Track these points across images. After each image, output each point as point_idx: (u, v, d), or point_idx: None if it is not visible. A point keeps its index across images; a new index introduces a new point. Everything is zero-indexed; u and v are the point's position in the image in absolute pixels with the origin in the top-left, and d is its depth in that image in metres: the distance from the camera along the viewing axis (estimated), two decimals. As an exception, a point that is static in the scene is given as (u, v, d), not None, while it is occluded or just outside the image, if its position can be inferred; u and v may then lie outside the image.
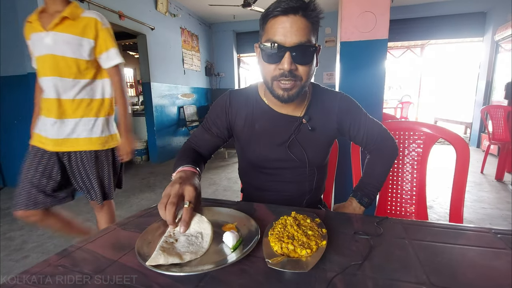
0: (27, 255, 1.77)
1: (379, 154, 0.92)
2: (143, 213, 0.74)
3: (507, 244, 0.56)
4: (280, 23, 0.68)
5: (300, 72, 0.72)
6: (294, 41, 0.67)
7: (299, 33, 0.67)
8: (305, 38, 0.68)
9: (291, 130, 0.84)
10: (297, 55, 0.69)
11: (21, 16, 2.47)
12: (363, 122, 0.88)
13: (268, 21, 0.71)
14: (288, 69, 0.69)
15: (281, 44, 0.68)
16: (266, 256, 0.50)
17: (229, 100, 0.87)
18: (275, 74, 0.72)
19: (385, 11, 1.74)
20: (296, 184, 0.90)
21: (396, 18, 4.84)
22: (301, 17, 0.68)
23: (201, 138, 0.91)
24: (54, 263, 0.51)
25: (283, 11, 0.67)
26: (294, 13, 0.67)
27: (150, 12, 3.94)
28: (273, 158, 0.86)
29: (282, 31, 0.68)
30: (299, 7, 0.67)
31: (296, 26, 0.67)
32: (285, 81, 0.71)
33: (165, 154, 4.41)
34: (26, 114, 2.87)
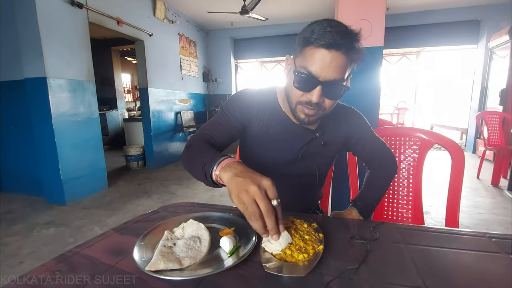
0: (22, 261, 1.75)
1: (380, 171, 0.93)
2: (140, 218, 0.74)
3: (501, 248, 0.57)
4: (320, 55, 0.65)
5: (325, 104, 0.72)
6: (329, 77, 0.66)
7: (337, 70, 0.66)
8: (340, 76, 0.67)
9: (304, 141, 0.85)
10: (327, 90, 0.69)
11: (19, 21, 2.48)
12: (369, 139, 0.91)
13: (308, 46, 0.68)
14: (316, 101, 0.69)
15: (316, 76, 0.67)
16: (263, 260, 0.51)
17: (252, 98, 0.84)
18: (301, 100, 0.72)
19: (380, 19, 1.77)
20: (298, 191, 0.92)
21: (392, 26, 4.91)
22: (343, 54, 0.65)
23: (217, 129, 0.82)
24: (52, 267, 0.51)
25: (327, 45, 0.64)
26: (337, 49, 0.64)
27: (148, 18, 3.98)
28: (282, 165, 0.87)
29: (320, 64, 0.66)
30: (344, 44, 0.64)
31: (336, 63, 0.65)
32: (309, 109, 0.72)
33: (162, 159, 4.40)
34: (22, 119, 2.86)
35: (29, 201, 2.81)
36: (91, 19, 2.98)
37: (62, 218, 2.39)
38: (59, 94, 2.64)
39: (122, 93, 6.68)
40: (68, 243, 1.96)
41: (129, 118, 6.24)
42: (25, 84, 2.60)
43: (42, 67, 2.49)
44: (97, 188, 3.12)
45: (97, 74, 3.60)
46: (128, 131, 5.07)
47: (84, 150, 2.94)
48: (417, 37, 5.19)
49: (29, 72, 2.56)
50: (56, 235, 2.09)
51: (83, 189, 2.92)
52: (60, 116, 2.65)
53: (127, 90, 8.72)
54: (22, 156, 3.00)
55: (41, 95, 2.54)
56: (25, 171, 3.01)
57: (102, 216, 2.42)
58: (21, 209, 2.62)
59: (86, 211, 2.55)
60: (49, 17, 2.54)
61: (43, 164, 2.70)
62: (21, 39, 2.52)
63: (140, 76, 4.05)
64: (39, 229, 2.18)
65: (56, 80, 2.60)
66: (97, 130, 3.14)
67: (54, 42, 2.58)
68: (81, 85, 2.88)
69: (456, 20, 4.89)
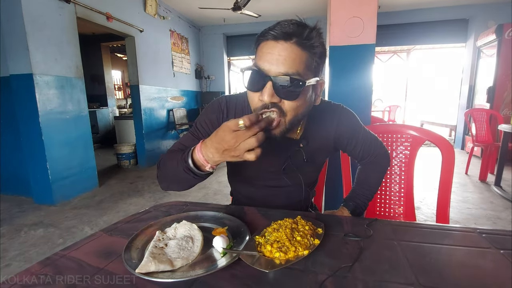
0: (8, 263, 1.70)
1: (373, 168, 0.90)
2: (131, 218, 0.73)
3: (492, 243, 0.58)
4: (268, 48, 0.59)
5: (284, 107, 0.62)
6: (279, 70, 0.58)
7: (287, 63, 0.58)
8: (294, 70, 0.58)
9: (287, 154, 0.78)
10: (281, 88, 0.59)
11: (4, 16, 2.40)
12: (361, 137, 0.84)
13: (259, 44, 0.63)
14: (269, 101, 0.60)
15: (265, 72, 0.59)
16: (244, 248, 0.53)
17: (226, 109, 0.78)
18: (257, 106, 0.63)
19: (372, 16, 1.78)
20: (287, 198, 0.88)
21: (383, 24, 4.96)
22: (294, 44, 0.58)
23: (188, 144, 0.76)
24: (37, 272, 0.49)
25: (274, 36, 0.59)
26: (286, 39, 0.58)
27: (138, 14, 3.90)
28: (267, 178, 0.84)
29: (268, 57, 0.59)
30: (293, 33, 0.58)
31: (285, 55, 0.58)
32: (268, 115, 0.61)
33: (154, 157, 4.34)
34: (8, 117, 2.77)
35: (16, 202, 2.74)
36: (79, 14, 2.90)
37: (51, 219, 2.33)
38: (46, 91, 2.57)
39: (112, 90, 6.56)
40: (58, 244, 1.92)
41: (120, 115, 6.14)
42: (10, 81, 2.52)
43: (28, 63, 2.42)
44: (88, 187, 3.06)
45: (86, 71, 3.52)
46: (119, 129, 4.98)
47: (73, 148, 2.87)
48: (407, 35, 5.26)
49: (15, 69, 2.48)
50: (44, 236, 2.04)
51: (72, 189, 2.86)
52: (47, 114, 2.58)
53: (117, 87, 8.58)
54: (8, 155, 2.92)
55: (28, 92, 2.47)
56: (11, 170, 2.92)
57: (92, 216, 2.38)
58: (7, 209, 2.55)
59: (76, 211, 2.50)
60: (35, 11, 2.46)
61: (30, 163, 2.63)
62: (5, 35, 2.44)
63: (131, 73, 3.98)
64: (26, 230, 2.12)
65: (43, 77, 2.53)
66: (87, 128, 3.08)
67: (40, 38, 2.50)
68: (69, 82, 2.81)
69: (445, 19, 4.97)
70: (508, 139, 2.73)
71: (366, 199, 0.88)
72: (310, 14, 5.23)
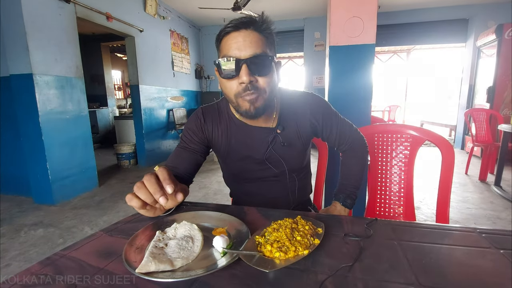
0: (8, 263, 1.70)
1: (352, 154, 0.94)
2: (131, 218, 0.73)
3: (492, 243, 0.58)
4: (233, 38, 0.69)
5: (260, 84, 0.71)
6: (249, 53, 0.68)
7: (253, 45, 0.68)
8: (260, 50, 0.68)
9: (267, 142, 0.83)
10: (254, 67, 0.68)
11: (4, 16, 2.40)
12: (335, 122, 0.88)
13: (222, 39, 0.72)
14: (248, 81, 0.68)
15: (237, 57, 0.67)
16: (244, 248, 0.53)
17: (202, 117, 0.86)
18: (238, 90, 0.71)
19: (372, 16, 1.78)
20: (281, 187, 0.91)
21: (383, 24, 4.96)
22: (253, 31, 0.69)
23: (178, 157, 0.85)
24: (37, 272, 0.49)
25: (235, 27, 0.68)
26: (246, 27, 0.68)
27: (138, 14, 3.90)
28: (253, 170, 0.88)
29: (236, 45, 0.68)
30: (249, 22, 0.69)
31: (249, 39, 0.68)
32: (250, 94, 0.70)
33: (154, 157, 4.35)
34: (8, 117, 2.77)
35: (16, 202, 2.74)
36: (79, 14, 2.90)
37: (51, 219, 2.33)
38: (46, 91, 2.57)
39: (112, 90, 6.56)
40: (58, 244, 1.92)
41: (120, 115, 6.14)
42: (10, 81, 2.52)
43: (28, 63, 2.42)
44: (88, 187, 3.06)
45: (86, 71, 3.52)
46: (119, 129, 4.98)
47: (73, 148, 2.88)
48: (407, 35, 5.26)
49: (15, 69, 2.48)
50: (44, 236, 2.04)
51: (72, 189, 2.86)
52: (47, 114, 2.58)
53: (117, 87, 8.58)
54: (8, 155, 2.92)
55: (28, 92, 2.47)
56: (11, 170, 2.93)
57: (92, 216, 2.38)
58: (7, 209, 2.55)
59: (76, 211, 2.50)
60: (35, 11, 2.46)
61: (30, 163, 2.63)
62: (5, 34, 2.44)
63: (131, 73, 3.98)
64: (26, 230, 2.13)
65: (43, 77, 2.53)
66: (87, 128, 3.08)
67: (40, 38, 2.50)
68: (69, 82, 2.81)
69: (445, 19, 4.97)
70: (508, 139, 2.73)
71: (353, 187, 0.91)
72: (310, 14, 5.23)
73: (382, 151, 1.16)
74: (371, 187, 1.17)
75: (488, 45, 4.22)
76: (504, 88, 3.95)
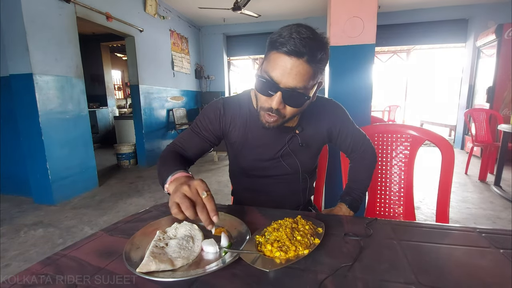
0: (8, 263, 1.70)
1: (362, 162, 0.95)
2: (131, 218, 0.73)
3: (491, 243, 0.58)
4: (281, 61, 0.64)
5: (286, 112, 0.71)
6: (289, 84, 0.65)
7: (297, 78, 0.64)
8: (302, 84, 0.65)
9: (284, 140, 0.84)
10: (288, 97, 0.67)
11: (3, 16, 2.40)
12: (350, 130, 0.90)
13: (272, 51, 0.66)
14: (276, 108, 0.68)
15: (276, 82, 0.65)
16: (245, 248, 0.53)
17: (223, 108, 0.85)
18: (264, 105, 0.71)
19: (372, 16, 1.78)
20: (287, 187, 0.92)
21: (383, 24, 4.96)
22: (305, 62, 0.63)
23: (189, 141, 0.86)
24: (37, 271, 0.49)
25: (288, 52, 0.62)
26: (298, 56, 0.62)
27: (138, 13, 3.90)
28: (266, 166, 0.88)
29: (280, 70, 0.64)
30: (305, 53, 0.62)
31: (296, 71, 0.64)
32: (270, 116, 0.71)
33: (154, 157, 4.34)
34: (8, 117, 2.77)
35: (16, 202, 2.74)
36: (79, 14, 2.90)
37: (50, 219, 2.33)
38: (46, 91, 2.57)
39: (112, 90, 6.56)
40: (58, 244, 1.92)
41: (120, 115, 6.13)
42: (10, 81, 2.51)
43: (28, 63, 2.42)
44: (87, 187, 3.06)
45: (86, 71, 3.52)
46: (119, 128, 4.98)
47: (73, 148, 2.87)
48: (407, 35, 5.26)
49: (15, 68, 2.48)
50: (44, 236, 2.04)
51: (72, 189, 2.86)
52: (47, 114, 2.58)
53: (117, 87, 8.58)
54: (8, 155, 2.92)
55: (27, 92, 2.47)
56: (11, 170, 2.92)
57: (92, 216, 2.38)
58: (7, 209, 2.55)
59: (76, 211, 2.50)
60: (35, 11, 2.46)
61: (30, 163, 2.63)
62: (5, 34, 2.44)
63: (131, 73, 3.98)
64: (26, 230, 2.12)
65: (43, 77, 2.53)
66: (87, 128, 3.08)
67: (40, 38, 2.50)
68: (69, 82, 2.81)
69: (445, 19, 4.96)
70: (507, 139, 2.73)
71: (360, 192, 0.92)
72: (310, 14, 5.23)
73: (382, 151, 1.16)
74: (371, 187, 1.17)
75: (488, 45, 4.22)
76: (504, 88, 3.95)
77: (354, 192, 0.92)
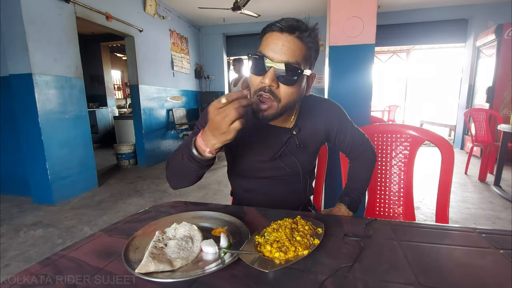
0: (8, 263, 1.70)
1: (361, 161, 0.95)
2: (130, 218, 0.72)
3: (491, 243, 0.58)
4: (273, 39, 0.68)
5: (280, 92, 0.70)
6: (282, 58, 0.67)
7: (289, 53, 0.67)
8: (294, 59, 0.67)
9: (282, 141, 0.84)
10: (281, 74, 0.67)
11: (3, 16, 2.39)
12: (349, 130, 0.90)
13: (264, 34, 0.71)
14: (269, 84, 0.67)
15: (269, 58, 0.67)
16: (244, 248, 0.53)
17: None
18: (258, 87, 0.71)
19: (372, 16, 1.78)
20: (286, 188, 0.91)
21: (383, 24, 4.96)
22: (296, 38, 0.67)
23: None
24: (37, 272, 0.49)
25: (279, 29, 0.67)
26: (290, 32, 0.66)
27: (138, 13, 3.90)
28: (264, 168, 0.87)
29: (273, 46, 0.67)
30: (296, 27, 0.67)
31: (288, 45, 0.67)
32: (264, 98, 0.70)
33: (154, 157, 4.34)
34: (8, 117, 2.77)
35: (15, 202, 2.74)
36: (78, 14, 2.90)
37: (50, 219, 2.33)
38: (46, 91, 2.57)
39: (112, 90, 6.55)
40: (57, 244, 1.92)
41: (120, 115, 6.13)
42: (10, 81, 2.51)
43: (27, 63, 2.42)
44: (87, 187, 3.06)
45: (86, 71, 3.52)
46: (119, 129, 4.98)
47: (73, 148, 2.87)
48: (407, 35, 5.26)
49: (14, 68, 2.48)
50: (44, 236, 2.04)
51: (72, 189, 2.86)
52: (47, 114, 2.58)
53: (117, 87, 8.56)
54: (8, 155, 2.91)
55: (27, 92, 2.47)
56: (11, 170, 2.92)
57: (92, 216, 2.38)
58: (7, 209, 2.55)
59: (76, 211, 2.49)
60: (35, 11, 2.45)
61: (30, 163, 2.63)
62: (5, 34, 2.44)
63: (131, 73, 3.98)
64: (26, 231, 2.12)
65: (42, 77, 2.53)
66: (86, 128, 3.07)
67: (40, 38, 2.50)
68: (69, 82, 2.81)
69: (445, 19, 4.97)
70: (507, 139, 2.73)
71: (359, 192, 0.92)
72: (310, 14, 5.22)
73: (382, 151, 1.16)
74: (371, 187, 1.17)
75: (487, 45, 4.22)
76: (504, 88, 3.95)
77: (353, 192, 0.91)
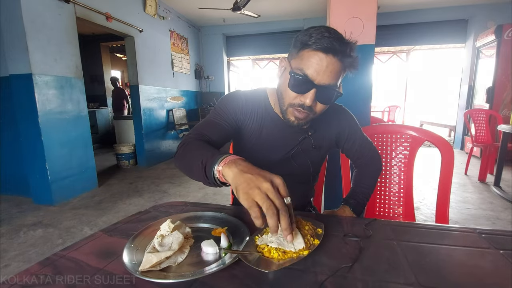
0: (8, 263, 1.70)
1: (368, 169, 0.96)
2: (130, 218, 0.72)
3: (491, 243, 0.58)
4: (317, 59, 0.66)
5: (317, 108, 0.73)
6: (324, 81, 0.67)
7: (332, 75, 0.67)
8: (334, 81, 0.69)
9: (297, 140, 0.85)
10: (321, 94, 0.69)
11: (3, 16, 2.39)
12: (358, 137, 0.92)
13: (306, 49, 0.68)
14: (309, 105, 0.70)
15: (311, 79, 0.67)
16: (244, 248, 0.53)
17: (244, 100, 0.83)
18: (294, 102, 0.72)
19: (372, 17, 1.78)
20: (292, 188, 0.90)
21: (383, 24, 4.96)
22: (338, 60, 0.67)
23: (213, 129, 0.78)
24: (37, 272, 0.49)
25: (325, 50, 0.66)
26: (334, 54, 0.66)
27: (138, 14, 3.90)
28: (276, 165, 0.87)
29: (317, 67, 0.66)
30: (340, 51, 0.66)
31: (331, 68, 0.67)
32: (301, 112, 0.72)
33: (154, 158, 4.34)
34: (8, 117, 2.77)
35: (15, 202, 2.74)
36: (78, 14, 2.90)
37: (50, 219, 2.33)
38: (46, 91, 2.57)
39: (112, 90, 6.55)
40: (57, 245, 1.92)
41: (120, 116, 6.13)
42: (10, 81, 2.51)
43: (27, 63, 2.42)
44: (87, 187, 3.06)
45: (86, 71, 3.52)
46: (119, 129, 4.98)
47: (72, 149, 2.87)
48: (407, 36, 5.26)
49: (14, 69, 2.48)
50: (44, 237, 2.03)
51: (72, 189, 2.85)
52: (47, 114, 2.58)
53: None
54: (8, 155, 2.91)
55: (27, 92, 2.46)
56: (11, 170, 2.92)
57: (92, 216, 2.38)
58: (7, 210, 2.55)
59: (75, 211, 2.49)
60: (35, 11, 2.45)
61: (29, 163, 2.63)
62: (5, 34, 2.44)
63: (131, 73, 3.98)
64: (25, 231, 2.12)
65: (42, 77, 2.53)
66: (86, 128, 3.07)
67: (40, 38, 2.50)
68: (68, 82, 2.81)
69: (444, 19, 4.97)
70: (507, 140, 2.73)
71: (364, 197, 0.92)
72: (310, 14, 5.23)
73: (382, 151, 1.16)
74: (371, 187, 1.17)
75: (487, 46, 4.22)
76: (504, 89, 3.95)
77: (359, 196, 0.91)
